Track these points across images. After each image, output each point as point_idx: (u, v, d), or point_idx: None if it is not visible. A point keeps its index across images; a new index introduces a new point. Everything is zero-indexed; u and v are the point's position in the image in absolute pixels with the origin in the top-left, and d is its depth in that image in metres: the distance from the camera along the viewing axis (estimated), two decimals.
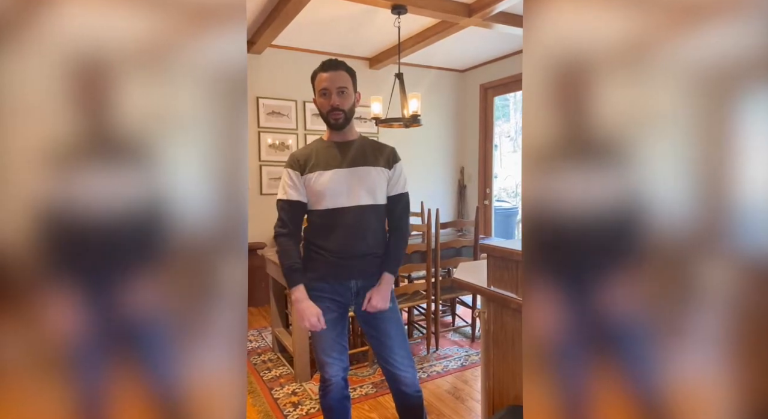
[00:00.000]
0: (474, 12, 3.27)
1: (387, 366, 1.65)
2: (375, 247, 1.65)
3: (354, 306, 1.69)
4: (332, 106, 1.57)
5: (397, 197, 1.70)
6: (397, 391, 1.67)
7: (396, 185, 1.70)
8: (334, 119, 1.60)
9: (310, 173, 1.60)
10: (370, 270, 1.65)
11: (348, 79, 1.60)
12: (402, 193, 1.71)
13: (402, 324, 1.71)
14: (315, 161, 1.62)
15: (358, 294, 1.65)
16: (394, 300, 1.70)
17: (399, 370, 1.64)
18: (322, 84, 1.58)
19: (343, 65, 1.60)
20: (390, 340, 1.64)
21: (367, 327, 1.69)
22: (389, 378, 1.67)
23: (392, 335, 1.65)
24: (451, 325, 3.52)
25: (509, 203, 6.45)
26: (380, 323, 1.65)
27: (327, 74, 1.57)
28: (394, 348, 1.64)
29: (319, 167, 1.60)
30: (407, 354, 1.67)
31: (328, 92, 1.57)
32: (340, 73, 1.58)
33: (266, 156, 4.37)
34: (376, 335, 1.66)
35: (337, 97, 1.57)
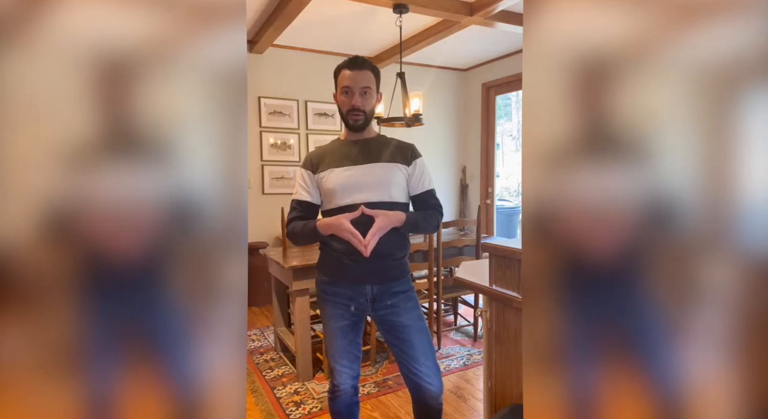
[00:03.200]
0: (475, 11, 3.27)
1: (411, 377, 1.54)
2: (391, 248, 1.51)
3: (371, 313, 1.56)
4: (353, 106, 1.51)
5: (425, 195, 1.59)
6: (420, 401, 1.57)
7: (420, 182, 1.58)
8: (353, 119, 1.53)
9: (322, 171, 1.55)
10: (388, 274, 1.52)
11: (372, 80, 1.53)
12: (429, 190, 1.60)
13: (428, 331, 1.58)
14: (329, 159, 1.56)
15: (375, 300, 1.53)
16: (418, 308, 1.58)
17: (425, 382, 1.52)
18: (345, 81, 1.51)
19: (369, 64, 1.53)
20: (414, 350, 1.52)
21: (388, 335, 1.56)
22: (413, 388, 1.56)
23: (417, 345, 1.52)
24: (453, 324, 3.52)
25: (511, 203, 6.44)
26: (402, 332, 1.53)
27: (351, 72, 1.50)
28: (420, 358, 1.52)
29: (331, 165, 1.54)
30: (434, 364, 1.54)
31: (351, 91, 1.50)
32: (365, 73, 1.51)
33: (268, 156, 4.37)
34: (398, 344, 1.54)
35: (360, 97, 1.50)
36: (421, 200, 1.60)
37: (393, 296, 1.54)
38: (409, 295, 1.57)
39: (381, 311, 1.54)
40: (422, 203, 1.60)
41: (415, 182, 1.58)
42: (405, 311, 1.54)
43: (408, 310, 1.54)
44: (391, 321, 1.54)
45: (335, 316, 1.55)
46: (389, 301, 1.53)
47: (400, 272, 1.56)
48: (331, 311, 1.56)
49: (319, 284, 1.61)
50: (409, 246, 1.61)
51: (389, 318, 1.54)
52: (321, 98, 4.56)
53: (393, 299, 1.54)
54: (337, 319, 1.55)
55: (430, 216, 1.57)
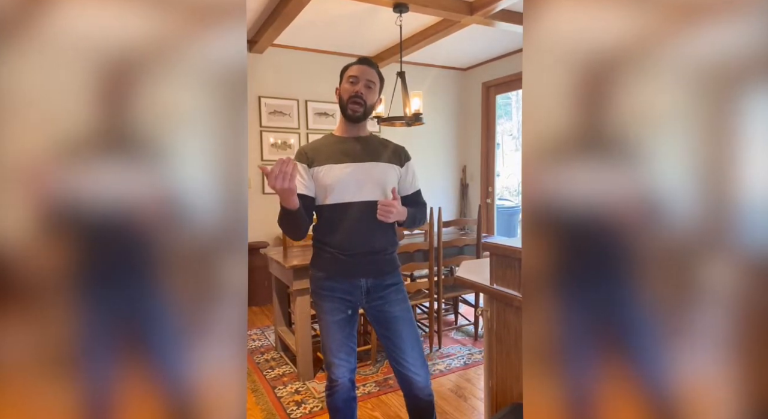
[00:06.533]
0: (476, 10, 3.26)
1: (399, 368, 1.61)
2: (385, 244, 1.61)
3: (364, 306, 1.64)
4: (356, 92, 1.56)
5: (415, 195, 1.72)
6: (409, 394, 1.63)
7: (412, 183, 1.71)
8: (352, 109, 1.57)
9: (318, 166, 1.57)
10: (381, 269, 1.61)
11: (377, 79, 1.62)
12: (418, 190, 1.73)
13: (415, 325, 1.65)
14: (325, 154, 1.59)
15: (369, 293, 1.60)
16: (407, 300, 1.66)
17: (412, 373, 1.59)
18: (352, 72, 1.58)
19: (377, 68, 1.63)
20: (402, 342, 1.59)
21: (378, 326, 1.64)
22: (401, 380, 1.63)
23: (405, 336, 1.60)
24: (453, 324, 3.52)
25: (512, 202, 6.44)
26: (392, 323, 1.60)
27: (360, 66, 1.59)
28: (407, 349, 1.59)
29: (329, 161, 1.57)
30: (420, 356, 1.62)
31: (357, 80, 1.57)
32: (372, 71, 1.60)
33: (268, 155, 4.37)
34: (388, 335, 1.62)
35: (364, 87, 1.57)
36: (411, 199, 1.71)
37: (385, 289, 1.62)
38: (399, 288, 1.66)
39: (373, 302, 1.62)
40: (412, 202, 1.71)
41: (408, 183, 1.70)
42: (395, 302, 1.62)
43: (398, 302, 1.63)
44: (382, 311, 1.62)
45: (332, 310, 1.59)
46: (381, 293, 1.62)
47: (391, 267, 1.65)
48: (327, 306, 1.60)
49: (314, 281, 1.64)
50: (398, 243, 1.72)
51: (381, 308, 1.62)
52: (321, 98, 4.56)
53: (384, 291, 1.62)
54: (334, 313, 1.59)
55: (423, 214, 1.73)
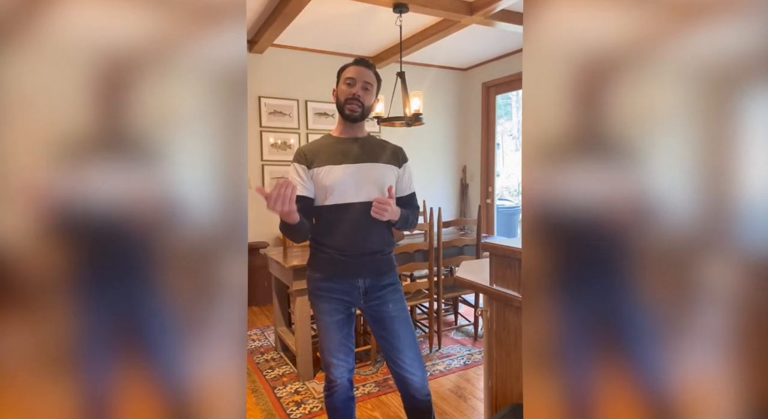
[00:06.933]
0: (476, 10, 3.26)
1: (396, 369, 1.61)
2: (382, 245, 1.61)
3: (362, 305, 1.64)
4: (353, 94, 1.56)
5: (409, 197, 1.72)
6: (406, 394, 1.63)
7: (408, 185, 1.71)
8: (350, 109, 1.58)
9: (318, 167, 1.57)
10: (378, 269, 1.61)
11: (374, 80, 1.62)
12: (413, 192, 1.74)
13: (411, 325, 1.66)
14: (324, 155, 1.59)
15: (366, 293, 1.61)
16: (404, 300, 1.66)
17: (408, 373, 1.59)
18: (349, 74, 1.58)
19: (374, 69, 1.63)
20: (399, 341, 1.59)
21: (376, 326, 1.64)
22: (398, 380, 1.63)
23: (401, 336, 1.60)
24: (453, 324, 3.52)
25: (512, 202, 6.44)
26: (389, 322, 1.60)
27: (357, 67, 1.59)
28: (404, 349, 1.59)
29: (329, 162, 1.57)
30: (416, 356, 1.62)
31: (354, 82, 1.57)
32: (369, 72, 1.60)
33: (268, 155, 4.37)
34: (385, 335, 1.62)
35: (361, 89, 1.57)
36: (405, 201, 1.70)
37: (382, 289, 1.62)
38: (396, 288, 1.66)
39: (371, 302, 1.62)
40: (406, 204, 1.70)
41: (405, 185, 1.70)
42: (392, 302, 1.63)
43: (395, 301, 1.63)
44: (379, 311, 1.62)
45: (330, 311, 1.59)
46: (379, 293, 1.62)
47: (388, 267, 1.65)
48: (326, 307, 1.60)
49: (312, 282, 1.64)
50: (395, 243, 1.72)
51: (378, 308, 1.62)
52: (321, 98, 4.56)
53: (382, 291, 1.62)
54: (333, 314, 1.59)
55: (415, 216, 1.72)
